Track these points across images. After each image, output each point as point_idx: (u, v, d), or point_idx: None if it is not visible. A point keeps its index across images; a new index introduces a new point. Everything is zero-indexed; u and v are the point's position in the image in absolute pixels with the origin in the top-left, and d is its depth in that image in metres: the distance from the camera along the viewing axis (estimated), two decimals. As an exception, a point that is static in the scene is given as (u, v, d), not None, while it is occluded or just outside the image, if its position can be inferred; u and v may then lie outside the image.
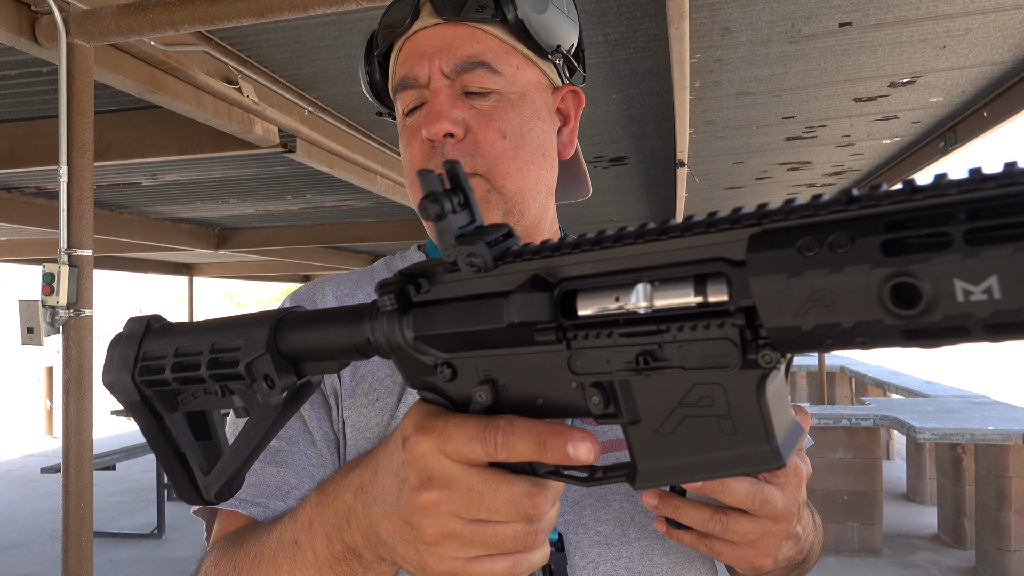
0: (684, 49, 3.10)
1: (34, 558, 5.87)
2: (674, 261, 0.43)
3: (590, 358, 0.46)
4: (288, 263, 12.23)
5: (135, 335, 0.65)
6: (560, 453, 0.47)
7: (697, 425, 0.44)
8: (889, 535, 5.61)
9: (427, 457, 0.51)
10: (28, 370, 25.22)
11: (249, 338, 0.59)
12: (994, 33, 3.62)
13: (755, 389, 0.42)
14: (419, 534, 0.52)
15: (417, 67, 0.80)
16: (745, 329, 0.41)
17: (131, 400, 0.65)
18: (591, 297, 0.46)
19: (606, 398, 0.47)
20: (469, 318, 0.49)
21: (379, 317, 0.53)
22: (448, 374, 0.52)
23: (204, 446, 0.65)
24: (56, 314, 2.55)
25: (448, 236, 0.48)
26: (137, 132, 4.19)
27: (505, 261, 0.48)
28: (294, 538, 0.64)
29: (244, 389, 0.60)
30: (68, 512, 2.55)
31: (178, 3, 2.49)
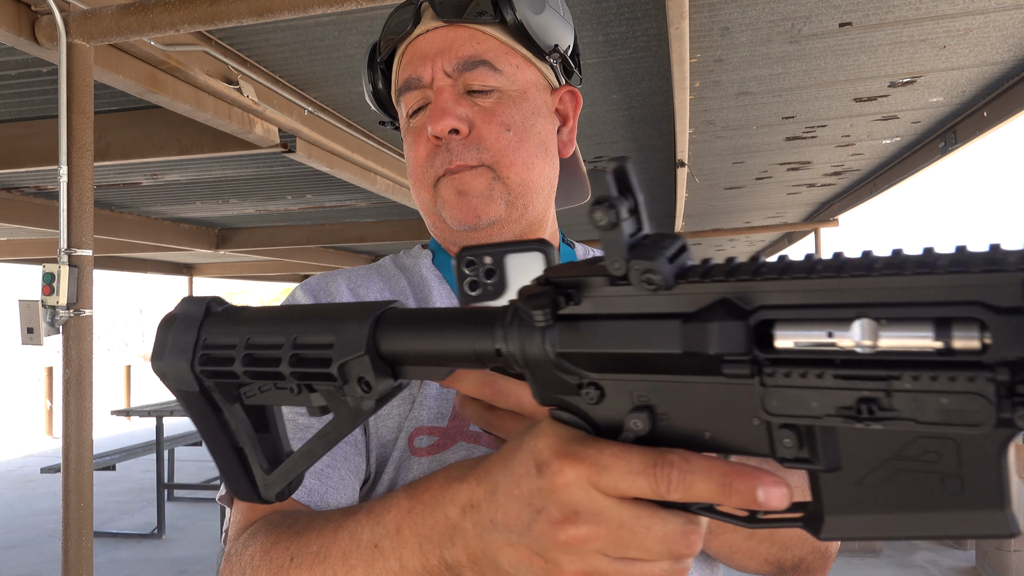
0: (684, 49, 3.10)
1: (34, 558, 5.87)
2: (907, 300, 0.37)
3: (791, 398, 0.41)
4: (288, 263, 12.23)
5: (193, 318, 0.59)
6: (748, 497, 0.42)
7: (913, 480, 0.40)
8: (889, 535, 5.62)
9: (573, 488, 0.45)
10: (28, 370, 25.24)
11: (343, 335, 0.53)
12: (994, 33, 3.62)
13: (998, 449, 0.38)
14: (556, 570, 0.48)
15: (420, 68, 0.83)
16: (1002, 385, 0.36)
17: (187, 391, 0.59)
18: (795, 329, 0.40)
19: (800, 442, 0.41)
20: (635, 339, 0.44)
21: (514, 326, 0.48)
22: (595, 396, 0.47)
23: (263, 440, 0.59)
24: (56, 314, 2.55)
25: (620, 248, 0.42)
26: (137, 132, 4.19)
27: (688, 280, 0.43)
28: (374, 542, 0.59)
29: (332, 390, 0.54)
30: (68, 512, 2.55)
31: (178, 3, 2.49)
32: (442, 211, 0.85)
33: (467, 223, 0.83)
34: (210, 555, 5.84)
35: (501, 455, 0.52)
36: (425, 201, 0.87)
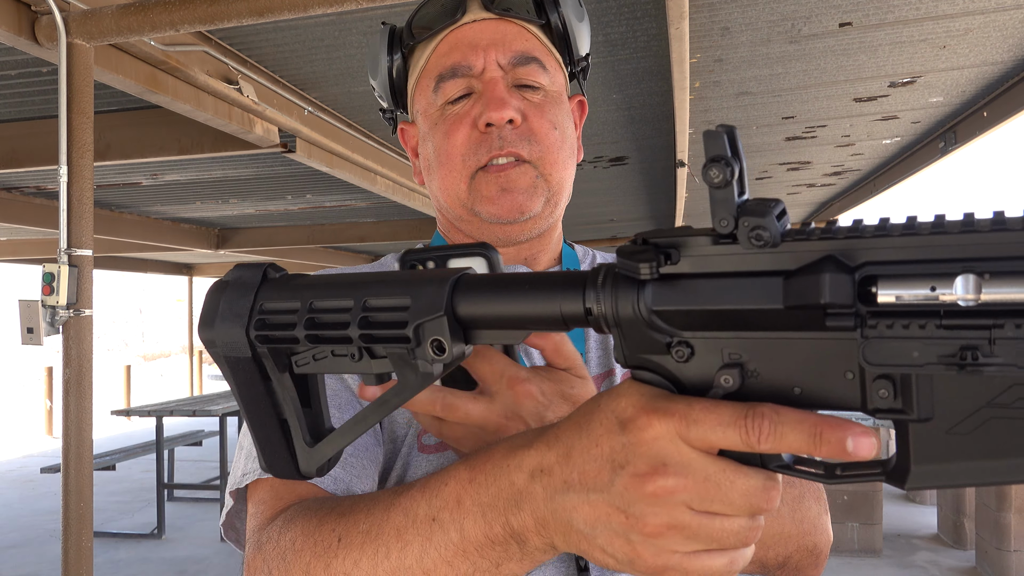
0: (684, 49, 3.10)
1: (34, 558, 5.87)
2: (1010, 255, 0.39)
3: (892, 349, 0.42)
4: (288, 263, 12.24)
5: (249, 284, 0.58)
6: (838, 447, 0.43)
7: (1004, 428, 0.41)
8: (889, 535, 5.61)
9: (662, 441, 0.47)
10: (28, 370, 25.24)
11: (421, 298, 0.53)
12: (994, 33, 3.62)
13: None
14: (638, 524, 0.48)
15: (471, 57, 0.83)
16: None
17: (238, 356, 0.57)
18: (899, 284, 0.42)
19: (895, 392, 0.43)
20: (736, 296, 0.45)
21: (607, 286, 0.49)
22: (685, 354, 0.48)
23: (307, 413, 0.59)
24: (56, 314, 2.55)
25: (729, 206, 0.44)
26: (137, 132, 4.19)
27: (794, 239, 0.44)
28: (432, 515, 0.58)
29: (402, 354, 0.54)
30: (68, 512, 2.55)
31: (178, 3, 2.49)
32: (476, 205, 0.84)
33: (507, 217, 0.83)
34: (210, 555, 5.84)
35: (574, 420, 0.52)
36: (458, 192, 0.85)
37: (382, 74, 0.91)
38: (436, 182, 0.88)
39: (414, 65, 0.89)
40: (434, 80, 0.85)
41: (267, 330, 0.56)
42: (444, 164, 0.85)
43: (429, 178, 0.90)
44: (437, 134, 0.86)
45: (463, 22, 0.84)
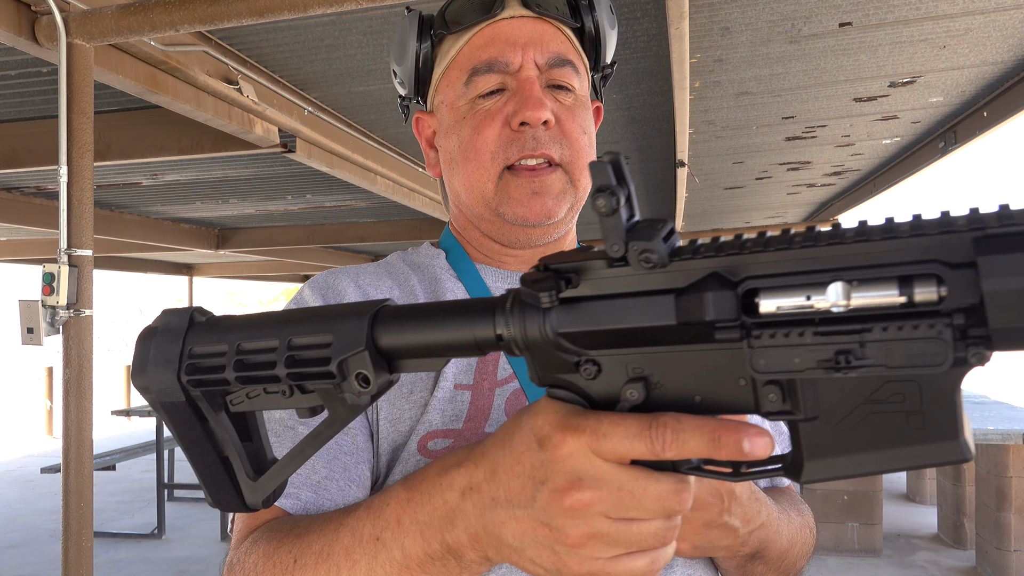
0: (684, 49, 3.10)
1: (34, 558, 5.87)
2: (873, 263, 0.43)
3: (776, 356, 0.46)
4: (288, 263, 12.23)
5: (176, 330, 0.59)
6: (735, 449, 0.46)
7: (882, 420, 0.45)
8: (889, 535, 5.61)
9: (576, 457, 0.49)
10: (28, 370, 25.24)
11: (341, 333, 0.55)
12: (994, 33, 3.62)
13: (953, 386, 0.43)
14: (561, 536, 0.51)
15: (509, 53, 0.82)
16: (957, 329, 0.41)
17: (172, 401, 0.59)
18: (778, 295, 0.45)
19: (783, 396, 0.46)
20: (632, 315, 0.48)
21: (515, 311, 0.51)
22: (592, 371, 0.51)
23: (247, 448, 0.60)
24: (56, 314, 2.55)
25: (619, 231, 0.46)
26: (137, 132, 4.19)
27: (681, 258, 0.47)
28: (376, 535, 0.61)
29: (329, 389, 0.55)
30: (68, 512, 2.55)
31: (178, 3, 2.49)
32: (502, 205, 0.83)
33: (533, 220, 0.83)
34: (210, 555, 5.84)
35: (498, 438, 0.55)
36: (483, 190, 0.83)
37: (408, 60, 0.88)
38: (459, 178, 0.86)
39: (443, 55, 0.87)
40: (467, 73, 0.83)
41: (198, 374, 0.57)
42: (471, 160, 0.83)
43: (450, 172, 0.88)
44: (465, 128, 0.84)
45: (501, 17, 0.83)
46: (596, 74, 0.91)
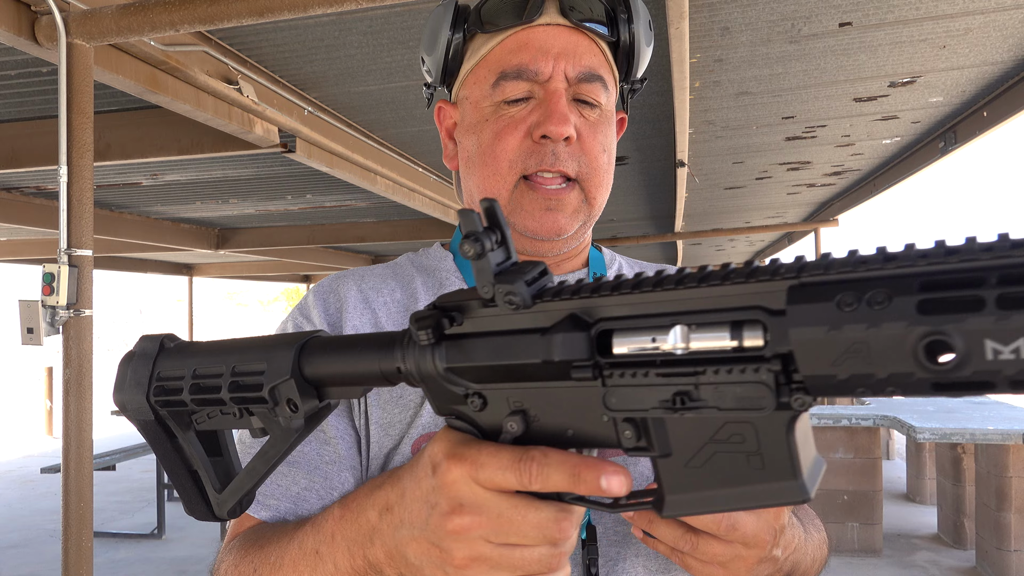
0: (684, 49, 3.10)
1: (34, 558, 5.87)
2: (711, 307, 0.45)
3: (625, 395, 0.48)
4: (288, 263, 12.23)
5: (148, 354, 0.66)
6: (593, 485, 0.49)
7: (727, 460, 0.47)
8: (889, 535, 5.61)
9: (459, 484, 0.52)
10: (28, 370, 25.23)
11: (273, 362, 0.60)
12: (994, 33, 3.62)
13: (785, 429, 0.45)
14: (449, 558, 0.54)
15: (540, 61, 0.80)
16: (780, 374, 0.43)
17: (144, 420, 0.66)
18: (627, 337, 0.48)
19: (638, 433, 0.49)
20: (505, 352, 0.51)
21: (411, 347, 0.55)
22: (479, 404, 0.54)
23: (216, 463, 0.66)
24: (56, 314, 2.55)
25: (487, 274, 0.50)
26: (137, 132, 4.19)
27: (543, 299, 0.50)
28: (316, 548, 0.66)
29: (265, 412, 0.61)
30: (68, 512, 2.55)
31: (178, 3, 2.49)
32: (514, 216, 0.82)
33: (544, 235, 0.82)
34: (210, 555, 5.83)
35: (411, 463, 0.59)
36: (497, 197, 0.82)
37: (439, 50, 0.86)
38: (474, 179, 0.85)
39: (473, 50, 0.85)
40: (495, 75, 0.82)
41: (163, 395, 0.64)
42: (488, 164, 0.83)
43: (467, 171, 0.87)
44: (486, 131, 0.83)
45: (537, 23, 0.81)
46: (625, 85, 0.89)
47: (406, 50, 3.45)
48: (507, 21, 0.81)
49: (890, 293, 0.39)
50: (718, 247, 14.93)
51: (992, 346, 0.36)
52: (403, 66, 3.65)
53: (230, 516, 0.66)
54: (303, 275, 15.66)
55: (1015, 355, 0.36)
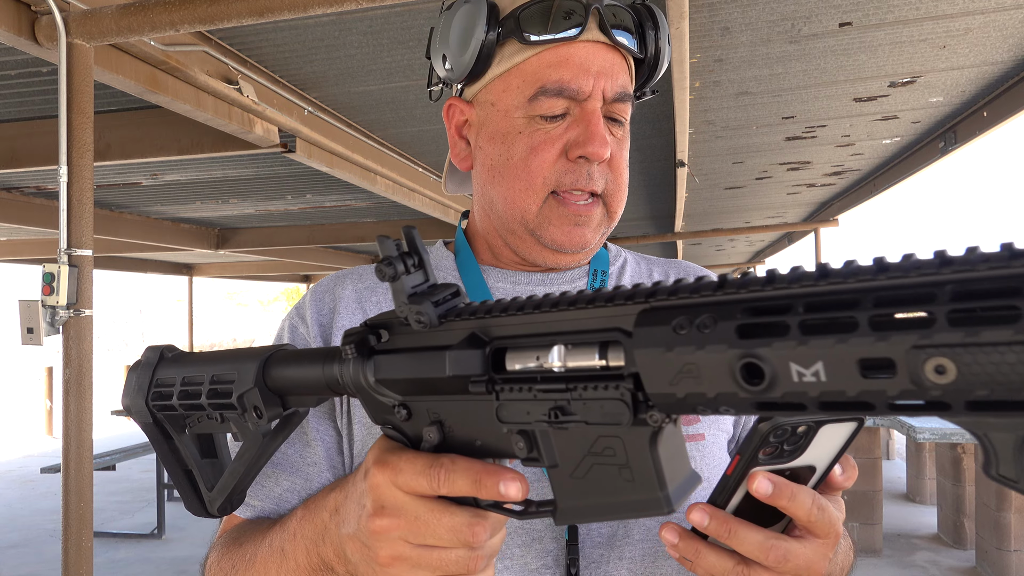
0: (684, 49, 3.10)
1: (34, 558, 5.87)
2: (587, 328, 0.49)
3: (513, 409, 0.52)
4: (288, 263, 12.22)
5: (150, 363, 0.74)
6: (493, 490, 0.53)
7: (603, 472, 0.50)
8: (889, 535, 5.61)
9: (381, 488, 0.57)
10: (28, 370, 25.22)
11: (241, 373, 0.67)
12: (994, 33, 3.62)
13: (648, 443, 0.48)
14: (374, 556, 0.58)
15: (582, 80, 0.79)
16: (635, 392, 0.47)
17: (145, 422, 0.73)
18: (517, 355, 0.52)
19: (529, 444, 0.53)
20: (418, 367, 0.56)
21: (347, 361, 0.60)
22: (404, 414, 0.58)
23: (210, 464, 0.73)
24: (56, 314, 2.55)
25: (401, 295, 0.54)
26: (137, 132, 4.19)
27: (448, 319, 0.55)
28: (281, 546, 0.71)
29: (237, 417, 0.68)
30: (68, 512, 2.55)
31: (178, 3, 2.49)
32: (541, 229, 0.82)
33: (570, 248, 0.83)
34: (210, 555, 5.83)
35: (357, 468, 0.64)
36: (524, 210, 0.82)
37: (471, 49, 0.81)
38: (500, 189, 0.84)
39: (506, 56, 0.81)
40: (533, 88, 0.80)
41: (159, 400, 0.72)
42: (520, 178, 0.81)
43: (489, 179, 0.85)
44: (519, 144, 0.81)
45: (581, 39, 0.79)
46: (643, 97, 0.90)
47: (406, 50, 3.44)
48: (551, 32, 0.79)
49: (716, 318, 0.42)
50: (718, 247, 14.93)
51: (796, 368, 0.39)
52: (403, 66, 3.65)
53: (220, 513, 0.71)
54: (303, 275, 15.65)
55: (816, 377, 0.38)
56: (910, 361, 0.36)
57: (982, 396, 0.35)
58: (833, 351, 0.37)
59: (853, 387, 0.38)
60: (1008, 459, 0.37)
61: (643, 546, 0.79)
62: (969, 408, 0.36)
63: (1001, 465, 0.37)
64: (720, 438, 0.86)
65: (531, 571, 0.76)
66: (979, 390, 0.34)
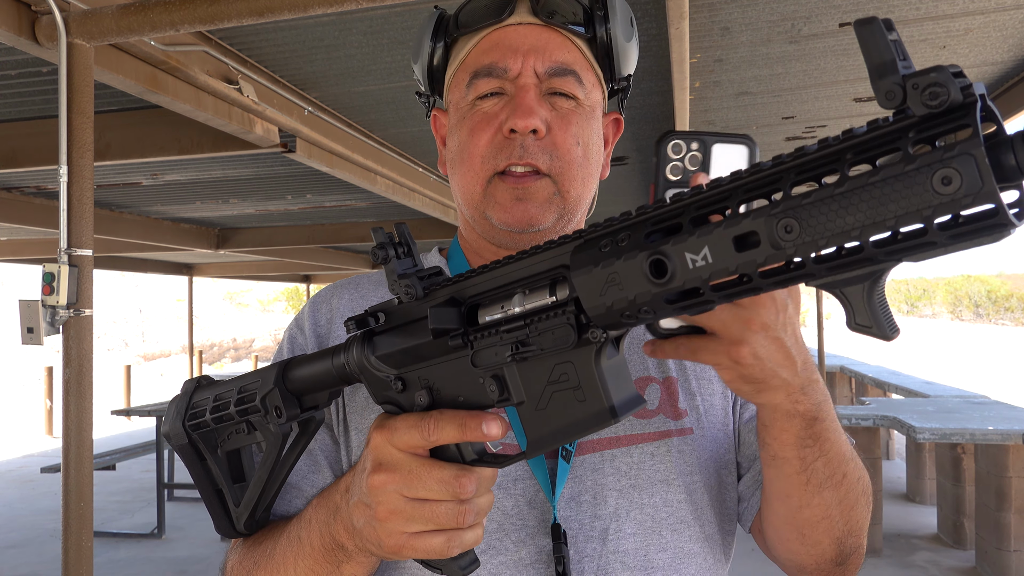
0: (684, 49, 3.10)
1: (34, 558, 5.87)
2: (538, 272, 0.57)
3: (485, 354, 0.60)
4: (288, 263, 12.22)
5: (187, 392, 0.82)
6: (477, 431, 0.60)
7: (560, 398, 0.57)
8: (889, 535, 5.61)
9: (379, 448, 0.64)
10: (28, 370, 25.22)
11: (264, 378, 0.74)
12: (993, 33, 3.62)
13: (593, 360, 0.56)
14: (374, 512, 0.63)
15: (509, 59, 0.82)
16: (579, 314, 0.55)
17: (181, 444, 0.80)
18: (487, 309, 0.60)
19: (500, 387, 0.60)
20: (408, 337, 0.64)
21: (351, 348, 0.68)
22: (400, 386, 0.66)
23: (239, 488, 0.79)
24: (56, 314, 2.55)
25: (392, 275, 0.63)
26: (137, 132, 4.18)
27: (432, 290, 0.63)
28: (298, 534, 0.75)
29: (261, 420, 0.75)
30: (68, 512, 2.55)
31: (178, 3, 2.49)
32: (489, 209, 0.84)
33: (517, 227, 0.83)
34: (210, 555, 5.84)
35: None
36: (473, 193, 0.85)
37: (423, 59, 0.90)
38: (455, 178, 0.88)
39: (455, 56, 0.88)
40: (469, 75, 0.84)
41: (193, 420, 0.80)
42: (465, 162, 0.85)
43: (451, 172, 0.89)
44: (463, 129, 0.85)
45: (508, 23, 0.83)
46: (614, 85, 0.90)
47: (406, 50, 3.45)
48: (481, 22, 0.84)
49: (631, 233, 0.51)
50: (718, 247, 14.92)
51: (690, 256, 0.47)
52: (403, 66, 3.65)
53: (247, 529, 0.77)
54: (303, 275, 15.65)
55: (705, 260, 0.47)
56: (767, 228, 0.44)
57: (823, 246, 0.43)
58: (713, 235, 0.46)
59: (732, 262, 0.46)
60: (862, 309, 0.44)
61: (635, 540, 0.79)
62: (817, 262, 0.44)
63: (857, 315, 0.45)
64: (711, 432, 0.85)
65: (525, 566, 0.77)
66: (819, 240, 0.42)
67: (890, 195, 0.39)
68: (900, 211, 0.39)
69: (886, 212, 0.40)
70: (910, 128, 0.40)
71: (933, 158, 0.38)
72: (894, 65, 0.39)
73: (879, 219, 0.40)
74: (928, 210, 0.38)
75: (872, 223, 0.40)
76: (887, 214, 0.40)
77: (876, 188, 0.40)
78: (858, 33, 0.42)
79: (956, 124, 0.38)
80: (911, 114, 0.40)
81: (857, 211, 0.41)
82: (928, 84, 0.38)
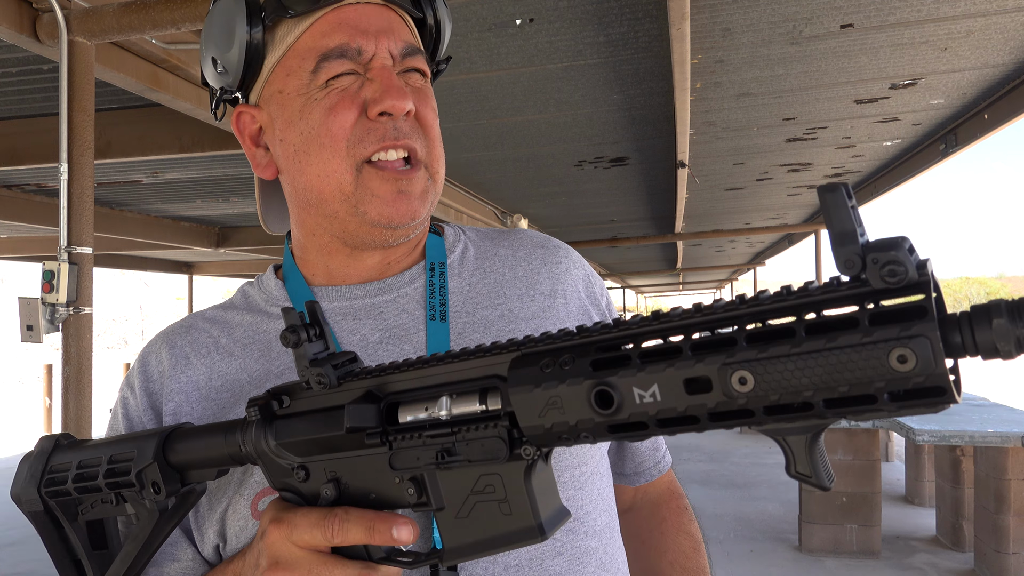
0: (685, 50, 3.10)
1: (33, 555, 5.88)
2: (469, 378, 0.55)
3: (405, 456, 0.57)
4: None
5: (44, 451, 0.76)
6: (387, 535, 0.57)
7: (484, 509, 0.55)
8: (888, 537, 5.61)
9: (277, 544, 0.60)
10: (28, 368, 25.23)
11: (141, 450, 0.68)
12: (995, 35, 3.62)
13: (524, 476, 0.54)
14: None
15: (361, 40, 0.76)
16: (512, 429, 0.53)
17: (35, 511, 0.74)
18: (409, 408, 0.57)
19: (419, 490, 0.58)
20: (317, 427, 0.60)
21: (249, 429, 0.64)
22: (303, 475, 0.62)
23: (100, 556, 0.73)
24: (56, 312, 2.55)
25: (303, 360, 0.59)
26: (138, 130, 4.19)
27: (347, 379, 0.60)
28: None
29: (135, 495, 0.69)
30: (67, 510, 2.55)
31: (179, 1, 2.49)
32: (364, 203, 0.75)
33: (399, 221, 0.76)
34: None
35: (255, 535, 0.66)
36: (341, 182, 0.75)
37: (238, 47, 0.77)
38: (312, 168, 0.76)
39: (278, 41, 0.77)
40: (314, 60, 0.75)
41: (52, 486, 0.73)
42: (325, 146, 0.75)
43: (296, 168, 0.78)
44: (315, 111, 0.76)
45: (347, 2, 0.77)
46: (432, 68, 0.86)
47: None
48: (315, 3, 0.76)
49: (575, 356, 0.50)
50: (718, 248, 14.93)
51: (638, 392, 0.46)
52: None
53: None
54: (303, 274, 15.62)
55: (653, 398, 0.46)
56: (721, 376, 0.44)
57: (774, 400, 0.43)
58: (664, 374, 0.46)
59: (682, 403, 0.45)
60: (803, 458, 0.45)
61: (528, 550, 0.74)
62: (767, 412, 0.44)
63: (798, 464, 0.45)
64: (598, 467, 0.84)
65: None
66: (771, 395, 0.43)
67: (846, 364, 0.40)
68: (855, 379, 0.40)
69: (841, 379, 0.41)
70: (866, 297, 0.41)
71: (889, 334, 0.39)
72: (854, 235, 0.40)
73: (833, 384, 0.41)
74: (881, 383, 0.40)
75: (826, 387, 0.41)
76: (842, 381, 0.41)
77: (833, 355, 0.41)
78: (822, 200, 0.42)
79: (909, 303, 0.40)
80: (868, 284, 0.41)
81: (813, 373, 0.41)
82: (887, 261, 0.40)
